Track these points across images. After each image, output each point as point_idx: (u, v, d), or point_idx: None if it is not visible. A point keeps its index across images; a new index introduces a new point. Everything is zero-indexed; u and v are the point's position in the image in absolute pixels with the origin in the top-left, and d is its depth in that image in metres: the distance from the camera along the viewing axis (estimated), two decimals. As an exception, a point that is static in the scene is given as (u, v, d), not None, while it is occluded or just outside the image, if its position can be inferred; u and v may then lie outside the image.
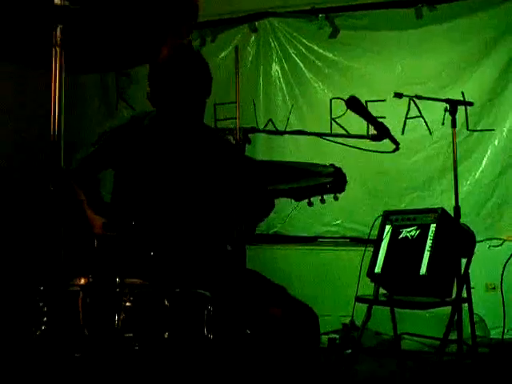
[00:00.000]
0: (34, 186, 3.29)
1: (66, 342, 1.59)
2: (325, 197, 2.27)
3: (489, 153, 4.80)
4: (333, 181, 2.02)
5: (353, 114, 2.41)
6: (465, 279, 3.49)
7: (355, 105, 2.40)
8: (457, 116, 3.71)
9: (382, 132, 2.41)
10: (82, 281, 1.65)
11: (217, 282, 1.88)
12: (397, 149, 2.40)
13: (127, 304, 1.61)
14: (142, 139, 2.32)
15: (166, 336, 1.62)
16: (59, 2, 1.15)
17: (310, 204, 2.00)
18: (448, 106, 3.40)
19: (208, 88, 2.28)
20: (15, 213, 3.61)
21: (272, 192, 2.03)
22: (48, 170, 1.39)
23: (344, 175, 2.09)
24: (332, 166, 2.11)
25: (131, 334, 1.61)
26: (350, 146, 2.49)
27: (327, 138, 2.54)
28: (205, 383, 1.64)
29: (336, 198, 2.08)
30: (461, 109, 4.04)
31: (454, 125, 3.40)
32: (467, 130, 4.79)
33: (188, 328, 1.67)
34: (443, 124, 4.49)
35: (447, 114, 3.41)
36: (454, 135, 3.43)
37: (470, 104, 3.67)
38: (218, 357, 1.66)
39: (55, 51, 1.20)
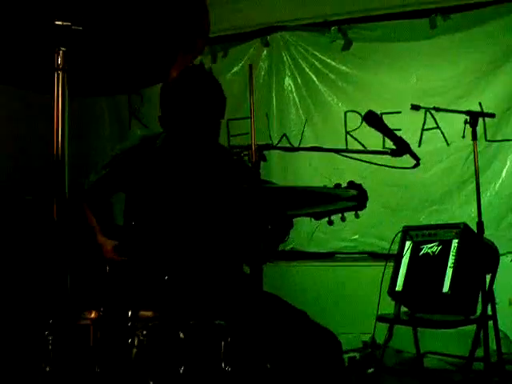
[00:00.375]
0: (39, 214, 3.24)
1: (76, 378, 1.52)
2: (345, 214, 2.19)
3: (508, 163, 4.70)
4: (355, 203, 1.94)
5: (368, 126, 2.34)
6: (489, 296, 3.39)
7: (373, 120, 2.33)
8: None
9: (402, 147, 2.33)
10: (93, 314, 1.58)
11: (234, 309, 1.80)
12: (417, 164, 2.32)
13: (140, 338, 1.54)
14: (156, 161, 2.27)
15: (181, 371, 1.54)
16: (61, 23, 1.09)
17: (331, 223, 1.92)
18: (468, 117, 3.31)
19: (221, 110, 2.21)
20: (23, 241, 3.56)
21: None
22: (51, 199, 1.33)
23: (365, 192, 2.01)
24: (352, 183, 2.02)
25: (145, 370, 1.54)
26: (368, 162, 2.41)
27: (345, 154, 2.46)
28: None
29: (357, 216, 2.00)
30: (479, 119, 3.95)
31: (474, 137, 3.31)
32: (486, 140, 4.69)
33: (205, 362, 1.59)
34: (463, 137, 4.42)
35: (467, 125, 3.32)
36: (475, 147, 3.34)
37: (492, 116, 3.58)
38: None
39: (57, 75, 1.14)
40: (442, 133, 4.84)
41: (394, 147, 2.33)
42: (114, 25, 1.17)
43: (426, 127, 4.88)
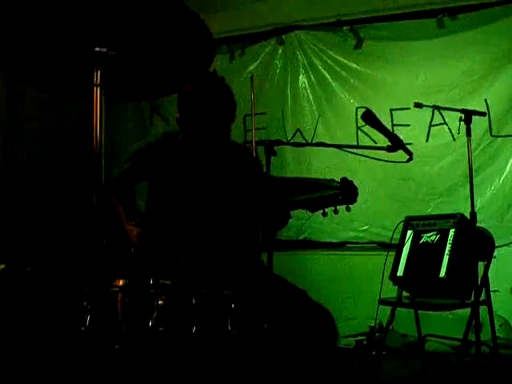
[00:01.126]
0: (78, 199, 3.57)
1: (107, 336, 1.82)
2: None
3: (513, 158, 4.87)
4: (340, 193, 2.19)
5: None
6: (484, 282, 3.59)
7: (370, 118, 2.56)
8: (480, 122, 3.78)
9: (396, 143, 2.57)
10: (121, 282, 1.89)
11: (240, 283, 2.07)
12: (410, 159, 2.56)
13: (160, 302, 1.85)
14: (176, 155, 2.54)
15: (193, 331, 1.84)
16: (98, 49, 1.38)
17: (325, 214, 2.17)
18: (463, 115, 3.53)
19: (231, 115, 2.48)
20: (65, 224, 3.91)
21: (288, 204, 2.22)
22: (90, 186, 1.62)
23: (354, 187, 2.25)
24: (343, 179, 2.27)
25: (163, 329, 1.84)
26: (365, 156, 2.66)
27: (346, 149, 2.71)
28: (228, 371, 1.85)
29: (348, 209, 2.24)
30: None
31: (468, 133, 3.52)
32: (491, 135, 4.87)
33: (213, 324, 1.89)
34: (459, 133, 4.60)
35: (462, 123, 3.54)
36: (468, 144, 3.56)
37: (483, 114, 3.76)
38: (239, 348, 1.87)
39: (96, 90, 1.43)
40: (448, 128, 5.02)
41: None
42: (139, 49, 1.45)
43: (433, 123, 5.07)
